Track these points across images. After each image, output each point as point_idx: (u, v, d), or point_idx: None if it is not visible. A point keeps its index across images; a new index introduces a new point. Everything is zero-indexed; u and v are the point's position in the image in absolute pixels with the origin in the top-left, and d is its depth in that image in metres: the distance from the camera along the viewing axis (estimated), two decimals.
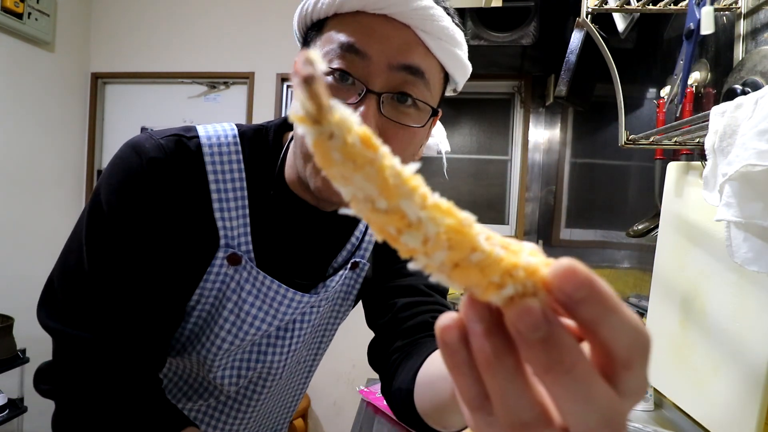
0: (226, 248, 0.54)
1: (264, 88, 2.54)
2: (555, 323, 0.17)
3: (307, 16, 0.50)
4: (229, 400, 0.65)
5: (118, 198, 0.50)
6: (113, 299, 0.50)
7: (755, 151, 0.48)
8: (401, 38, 0.46)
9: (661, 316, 0.90)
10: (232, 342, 0.58)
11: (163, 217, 0.51)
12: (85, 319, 0.49)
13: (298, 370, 0.70)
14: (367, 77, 0.46)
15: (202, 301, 0.56)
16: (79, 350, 0.49)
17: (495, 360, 0.18)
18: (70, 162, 2.58)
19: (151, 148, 0.51)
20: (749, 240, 0.51)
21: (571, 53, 1.42)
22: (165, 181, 0.51)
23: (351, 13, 0.46)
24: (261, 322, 0.58)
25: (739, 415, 0.68)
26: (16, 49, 2.20)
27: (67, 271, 0.51)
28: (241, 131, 0.57)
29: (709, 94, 0.91)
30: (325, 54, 0.47)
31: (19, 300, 2.19)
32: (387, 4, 0.45)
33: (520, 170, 2.46)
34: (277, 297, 0.58)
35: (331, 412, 2.50)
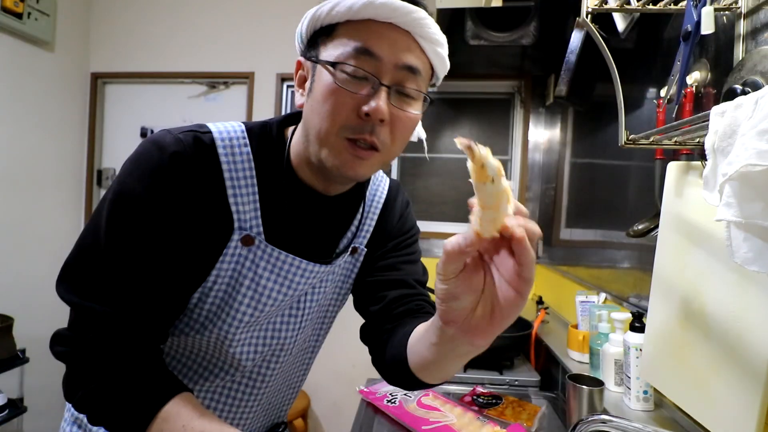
0: (240, 231, 0.61)
1: (264, 88, 2.54)
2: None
3: (318, 20, 0.58)
4: (243, 378, 0.70)
5: (144, 187, 0.56)
6: (128, 277, 0.55)
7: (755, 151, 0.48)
8: (404, 42, 0.57)
9: (661, 316, 0.90)
10: (252, 314, 0.64)
11: (183, 204, 0.57)
12: (99, 294, 0.55)
13: (305, 348, 0.77)
14: (379, 74, 0.56)
15: (219, 281, 0.62)
16: (91, 321, 0.55)
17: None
18: (70, 162, 2.58)
19: (171, 142, 0.58)
20: (749, 240, 0.51)
21: (571, 53, 1.42)
22: (185, 172, 0.57)
23: (363, 21, 0.56)
24: (277, 293, 0.65)
25: (739, 415, 0.68)
26: (16, 49, 2.21)
27: (85, 250, 0.57)
28: (248, 127, 0.65)
29: (709, 94, 0.91)
30: (340, 54, 0.56)
31: (19, 300, 2.20)
32: (393, 15, 0.55)
33: (520, 170, 2.46)
34: (291, 268, 0.65)
35: (331, 412, 2.50)
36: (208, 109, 2.63)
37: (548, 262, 2.21)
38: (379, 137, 0.57)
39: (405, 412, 1.15)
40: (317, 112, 0.57)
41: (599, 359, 1.18)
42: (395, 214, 0.80)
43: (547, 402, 1.29)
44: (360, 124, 0.56)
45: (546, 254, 2.27)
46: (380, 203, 0.78)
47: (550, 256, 2.20)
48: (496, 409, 1.22)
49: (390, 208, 0.79)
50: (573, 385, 1.02)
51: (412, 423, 1.11)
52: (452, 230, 2.49)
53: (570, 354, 1.39)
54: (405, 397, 1.23)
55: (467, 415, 1.14)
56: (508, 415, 1.18)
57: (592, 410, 1.00)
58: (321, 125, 0.57)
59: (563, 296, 1.91)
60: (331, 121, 0.56)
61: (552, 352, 1.47)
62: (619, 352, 1.11)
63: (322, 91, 0.57)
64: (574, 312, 1.44)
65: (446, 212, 2.54)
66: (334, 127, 0.57)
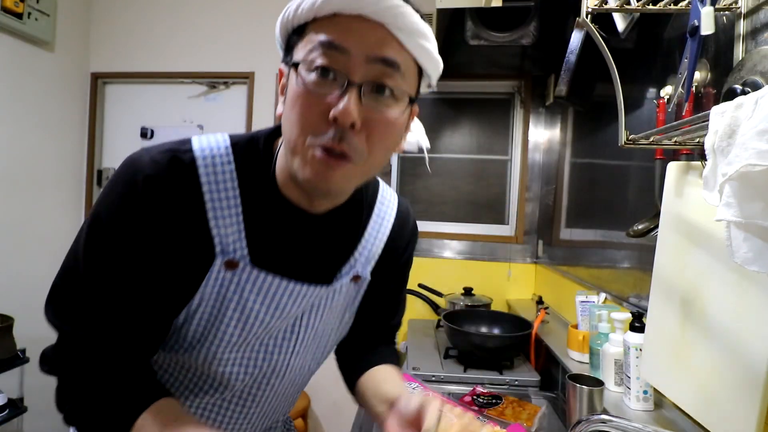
0: (223, 254, 0.58)
1: (264, 88, 2.54)
2: None
3: (289, 23, 0.54)
4: (234, 396, 0.68)
5: (117, 212, 0.54)
6: (105, 303, 0.55)
7: (755, 151, 0.48)
8: (376, 35, 0.50)
9: (661, 316, 0.90)
10: (239, 335, 0.61)
11: (159, 229, 0.55)
12: (79, 318, 0.55)
13: (302, 373, 0.73)
14: (348, 70, 0.50)
15: (203, 303, 0.59)
16: (73, 344, 0.56)
17: None
18: (70, 162, 2.58)
19: (146, 164, 0.55)
20: (749, 240, 0.51)
21: (571, 53, 1.42)
22: (159, 196, 0.54)
23: (329, 16, 0.50)
24: (265, 315, 0.61)
25: (739, 415, 0.68)
26: (16, 49, 2.21)
27: (66, 274, 0.57)
28: (233, 141, 0.60)
29: (709, 94, 0.91)
30: (308, 53, 0.51)
31: (19, 300, 2.19)
32: (361, 5, 0.49)
33: (520, 170, 2.46)
34: (279, 290, 0.61)
35: (331, 412, 2.50)
36: (208, 109, 2.63)
37: (548, 262, 2.21)
38: (351, 144, 0.50)
39: None
40: (287, 119, 0.53)
41: (599, 359, 1.18)
42: (403, 242, 0.76)
43: (547, 402, 1.29)
44: (329, 130, 0.50)
45: (546, 254, 2.27)
46: (388, 228, 0.72)
47: (550, 256, 2.20)
48: (496, 409, 1.22)
49: (399, 237, 0.75)
50: (573, 385, 1.02)
51: None
52: (452, 230, 2.49)
53: (570, 354, 1.39)
54: None
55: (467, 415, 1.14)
56: (508, 415, 1.18)
57: (592, 410, 1.00)
58: (291, 134, 0.53)
59: (563, 296, 1.91)
60: (300, 129, 0.51)
61: (552, 352, 1.47)
62: (619, 352, 1.11)
63: (291, 95, 0.52)
64: (574, 312, 1.44)
65: (446, 212, 2.54)
66: (303, 136, 0.51)
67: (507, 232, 2.49)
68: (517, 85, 2.46)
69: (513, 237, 2.46)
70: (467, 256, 2.46)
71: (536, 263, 2.42)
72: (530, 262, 2.44)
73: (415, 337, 1.90)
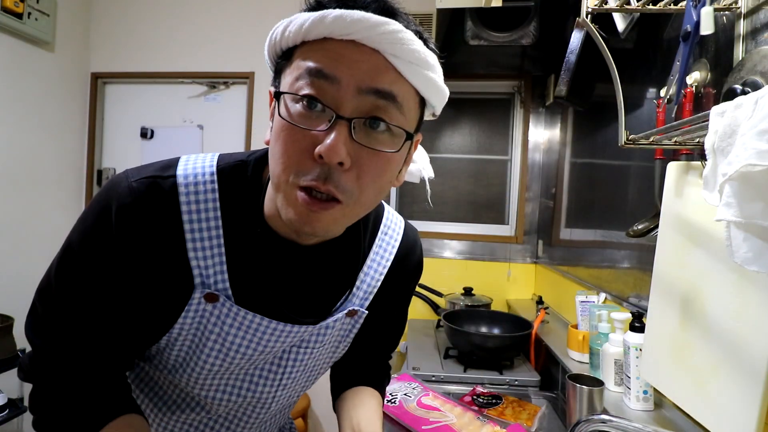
0: (203, 287, 0.54)
1: (264, 88, 2.54)
2: None
3: (276, 45, 0.49)
4: (220, 417, 0.67)
5: (88, 241, 0.52)
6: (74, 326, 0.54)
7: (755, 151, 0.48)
8: (370, 63, 0.45)
9: (661, 316, 0.90)
10: (221, 365, 0.59)
11: (132, 260, 0.52)
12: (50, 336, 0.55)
13: (290, 402, 0.72)
14: (337, 103, 0.44)
15: (183, 333, 0.57)
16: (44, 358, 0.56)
17: None
18: (70, 162, 2.58)
19: (123, 193, 0.51)
20: (749, 240, 0.51)
21: (571, 53, 1.42)
22: (133, 226, 0.51)
23: (318, 41, 0.45)
24: (246, 349, 0.58)
25: (739, 415, 0.68)
26: (16, 49, 2.21)
27: (42, 294, 0.56)
28: (220, 168, 0.55)
29: (709, 94, 0.91)
30: (294, 81, 0.46)
31: (19, 300, 2.19)
32: (353, 30, 0.43)
33: (520, 170, 2.46)
34: (260, 328, 0.57)
35: (331, 412, 2.49)
36: (208, 109, 2.63)
37: (548, 262, 2.21)
38: (340, 185, 0.45)
39: (405, 412, 1.15)
40: (272, 152, 0.48)
41: (599, 359, 1.18)
42: (407, 275, 0.71)
43: (547, 402, 1.29)
44: (314, 168, 0.45)
45: (546, 254, 2.27)
46: (391, 259, 0.67)
47: (550, 256, 2.20)
48: (496, 409, 1.22)
49: (402, 268, 0.69)
50: (573, 385, 1.02)
51: (412, 423, 1.11)
52: (452, 230, 2.49)
53: (570, 354, 1.39)
54: (405, 397, 1.23)
55: (467, 415, 1.14)
56: (508, 415, 1.18)
57: (592, 410, 1.00)
58: (274, 169, 0.47)
59: (563, 296, 1.91)
60: (283, 165, 0.46)
61: (552, 352, 1.47)
62: (619, 352, 1.11)
63: (276, 127, 0.47)
64: (574, 312, 1.44)
65: (446, 212, 2.54)
66: (286, 174, 0.46)
67: (507, 232, 2.49)
68: (517, 85, 2.46)
69: (513, 237, 2.46)
70: (467, 256, 2.46)
71: (536, 263, 2.42)
72: (530, 262, 2.44)
73: (415, 337, 1.90)
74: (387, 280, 0.67)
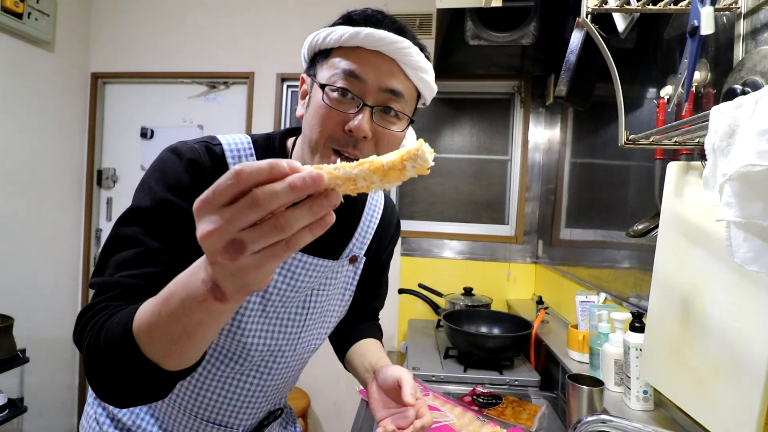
0: None
1: (264, 88, 2.54)
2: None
3: (316, 46, 0.66)
4: (251, 369, 0.76)
5: (165, 188, 0.62)
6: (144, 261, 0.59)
7: (755, 151, 0.48)
8: (388, 68, 0.63)
9: (661, 316, 0.90)
10: (260, 306, 0.72)
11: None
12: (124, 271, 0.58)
13: (307, 348, 0.83)
14: (363, 94, 0.63)
15: None
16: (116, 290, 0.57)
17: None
18: (70, 162, 2.58)
19: (188, 151, 0.65)
20: (749, 240, 0.51)
21: (571, 53, 1.42)
22: (199, 177, 0.64)
23: (352, 48, 0.63)
24: (282, 284, 0.72)
25: (739, 415, 0.68)
26: (16, 49, 2.21)
27: (117, 241, 0.60)
28: (254, 139, 0.72)
29: (709, 94, 0.91)
30: (332, 75, 0.63)
31: (19, 300, 2.20)
32: (379, 45, 0.62)
33: (520, 170, 2.46)
34: (294, 262, 0.72)
35: (331, 412, 2.50)
36: (208, 109, 2.63)
37: (548, 262, 2.21)
38: (363, 152, 0.63)
39: None
40: (309, 124, 0.65)
41: (599, 359, 1.18)
42: (390, 230, 0.90)
43: (547, 402, 1.29)
44: (345, 138, 0.63)
45: (546, 254, 2.27)
46: (378, 216, 0.85)
47: (550, 256, 2.20)
48: (496, 409, 1.22)
49: (387, 225, 0.88)
50: (573, 385, 1.02)
51: None
52: (452, 230, 2.49)
53: (570, 354, 1.39)
54: None
55: (467, 415, 1.14)
56: (508, 415, 1.18)
57: (592, 410, 1.00)
58: (312, 135, 0.64)
59: (563, 296, 1.91)
60: (320, 132, 0.63)
61: (552, 352, 1.47)
62: (619, 352, 1.11)
63: (314, 106, 0.64)
64: (574, 312, 1.44)
65: (446, 212, 2.54)
66: (322, 138, 0.63)
67: (507, 232, 2.49)
68: (517, 85, 2.46)
69: (513, 237, 2.46)
70: (467, 256, 2.46)
71: (536, 263, 2.42)
72: (530, 262, 2.44)
73: (415, 337, 1.90)
74: (377, 234, 0.85)
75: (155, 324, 0.47)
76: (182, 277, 0.45)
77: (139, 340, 0.48)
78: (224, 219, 0.33)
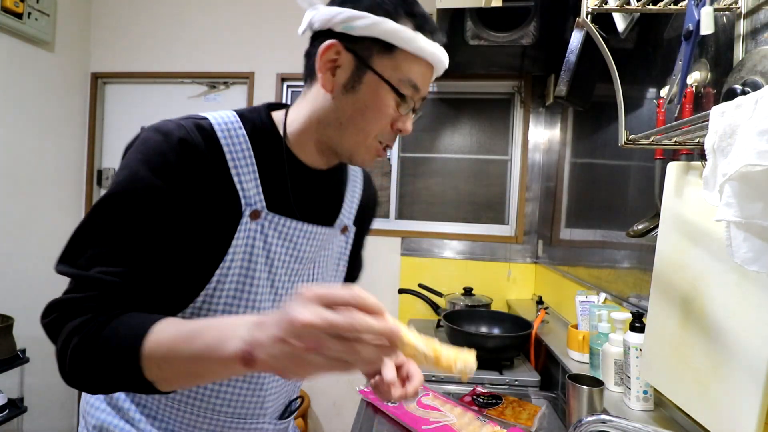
0: (247, 207, 0.66)
1: (264, 88, 2.54)
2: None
3: (371, 28, 0.62)
4: None
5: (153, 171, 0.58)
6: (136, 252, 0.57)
7: (755, 151, 0.48)
8: (430, 79, 0.69)
9: (661, 316, 0.90)
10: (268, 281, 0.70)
11: (192, 188, 0.61)
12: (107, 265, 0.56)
13: None
14: (414, 102, 0.68)
15: (235, 261, 0.66)
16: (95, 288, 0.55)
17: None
18: (70, 162, 2.58)
19: (175, 129, 0.61)
20: (749, 240, 0.51)
21: (571, 53, 1.42)
22: (192, 156, 0.61)
23: (416, 56, 0.64)
24: (285, 255, 0.72)
25: (739, 415, 0.68)
26: (16, 49, 2.21)
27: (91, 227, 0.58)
28: (240, 113, 0.70)
29: (709, 94, 0.91)
30: (400, 81, 0.65)
31: (19, 300, 2.19)
32: (437, 63, 0.67)
33: (520, 170, 2.46)
34: (295, 232, 0.72)
35: (331, 412, 2.50)
36: (208, 109, 2.58)
37: (548, 262, 2.21)
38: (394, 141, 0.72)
39: (405, 412, 1.15)
40: (362, 114, 0.66)
41: (599, 359, 1.18)
42: (371, 202, 0.92)
43: (547, 402, 1.29)
44: (392, 134, 0.69)
45: (546, 254, 2.27)
46: (360, 187, 0.87)
47: (550, 256, 2.20)
48: (496, 409, 1.22)
49: (368, 196, 0.90)
50: (573, 385, 1.02)
51: (412, 423, 1.11)
52: (452, 230, 2.49)
53: (570, 354, 1.39)
54: None
55: (467, 415, 1.14)
56: (508, 415, 1.18)
57: (592, 410, 1.00)
58: (362, 125, 0.67)
59: (563, 296, 1.91)
60: (375, 127, 0.67)
61: (552, 352, 1.47)
62: (619, 352, 1.11)
63: (376, 102, 0.65)
64: (574, 312, 1.44)
65: (446, 212, 2.54)
66: (373, 132, 0.67)
67: (507, 232, 2.49)
68: (517, 85, 2.46)
69: (513, 237, 2.46)
70: (467, 256, 2.46)
71: (536, 263, 2.42)
72: (530, 262, 2.44)
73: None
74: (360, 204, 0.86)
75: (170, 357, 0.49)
76: (217, 325, 0.47)
77: (146, 362, 0.49)
78: (327, 320, 0.38)
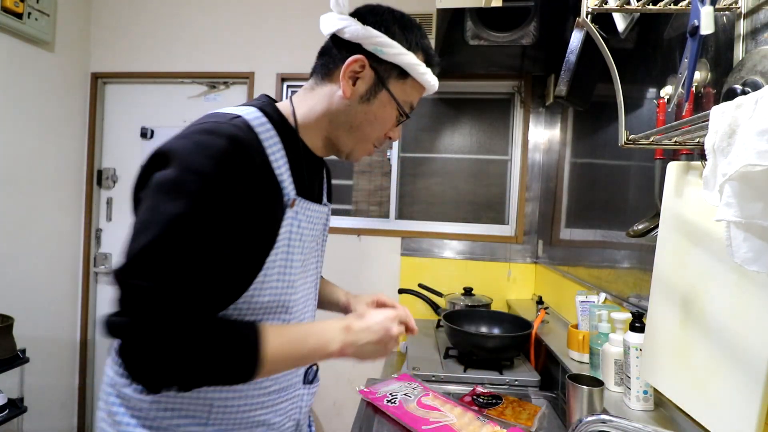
0: (287, 197, 0.73)
1: (264, 88, 2.54)
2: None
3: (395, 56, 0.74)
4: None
5: (212, 169, 0.61)
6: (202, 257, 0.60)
7: (755, 151, 0.48)
8: None
9: (661, 316, 0.90)
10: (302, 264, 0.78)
11: (246, 183, 0.65)
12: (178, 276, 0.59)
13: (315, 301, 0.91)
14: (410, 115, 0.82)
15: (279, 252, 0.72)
16: (167, 301, 0.58)
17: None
18: (70, 162, 2.58)
19: (225, 128, 0.65)
20: (749, 240, 0.51)
21: (571, 53, 1.42)
22: (243, 153, 0.65)
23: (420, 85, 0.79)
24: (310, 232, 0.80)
25: (739, 415, 0.68)
26: (16, 49, 2.21)
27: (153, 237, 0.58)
28: (257, 107, 0.75)
29: (709, 94, 0.91)
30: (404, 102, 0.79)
31: (19, 300, 2.19)
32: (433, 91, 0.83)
33: (520, 170, 2.46)
34: (314, 213, 0.81)
35: (331, 412, 2.50)
36: (208, 109, 2.56)
37: (548, 262, 2.21)
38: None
39: (405, 412, 1.15)
40: (371, 124, 0.79)
41: (599, 359, 1.18)
42: (330, 179, 0.99)
43: (547, 402, 1.29)
44: (384, 140, 0.83)
45: (546, 254, 2.27)
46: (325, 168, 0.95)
47: (550, 256, 2.20)
48: (496, 409, 1.22)
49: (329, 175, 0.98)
50: (573, 385, 1.02)
51: (412, 423, 1.11)
52: (452, 230, 2.49)
53: (570, 354, 1.39)
54: (405, 397, 1.23)
55: (467, 415, 1.14)
56: (508, 415, 1.18)
57: (592, 410, 1.00)
58: (368, 132, 0.80)
59: (563, 296, 1.91)
60: (376, 134, 0.81)
61: (552, 352, 1.47)
62: (619, 352, 1.11)
63: (384, 116, 0.79)
64: (574, 312, 1.44)
65: (446, 212, 2.54)
66: (374, 138, 0.81)
67: (507, 232, 2.49)
68: (517, 85, 2.46)
69: (513, 237, 2.46)
70: (467, 256, 2.46)
71: (536, 263, 2.42)
72: (530, 262, 2.44)
73: (415, 337, 1.90)
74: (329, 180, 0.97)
75: (283, 358, 0.66)
76: (314, 332, 0.69)
77: (265, 364, 0.63)
78: (399, 331, 0.75)
